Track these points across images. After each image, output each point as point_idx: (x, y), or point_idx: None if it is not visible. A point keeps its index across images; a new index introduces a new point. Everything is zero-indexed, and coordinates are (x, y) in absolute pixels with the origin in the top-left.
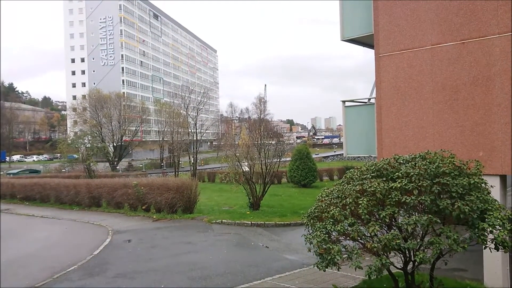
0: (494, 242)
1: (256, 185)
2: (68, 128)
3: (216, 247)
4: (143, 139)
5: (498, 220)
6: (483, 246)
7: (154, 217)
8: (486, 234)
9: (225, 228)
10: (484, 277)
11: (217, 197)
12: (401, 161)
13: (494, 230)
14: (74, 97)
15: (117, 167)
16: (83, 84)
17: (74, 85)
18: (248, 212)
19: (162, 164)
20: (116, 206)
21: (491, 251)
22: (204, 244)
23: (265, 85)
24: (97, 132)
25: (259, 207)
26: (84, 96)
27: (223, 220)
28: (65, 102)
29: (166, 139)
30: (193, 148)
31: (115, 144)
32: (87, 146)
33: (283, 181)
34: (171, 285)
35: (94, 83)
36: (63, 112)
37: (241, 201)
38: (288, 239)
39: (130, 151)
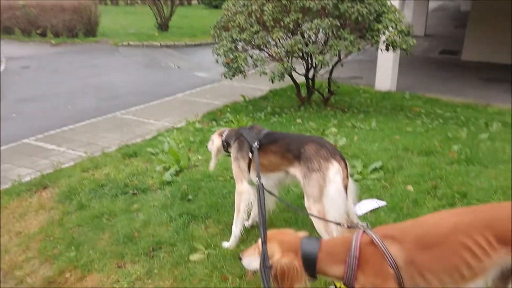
0: (385, 43)
1: (164, 6)
2: None
3: (124, 69)
4: None
5: (391, 22)
6: (376, 48)
7: (53, 42)
8: (379, 35)
9: (132, 50)
10: (376, 82)
11: (122, 20)
12: None
13: (386, 31)
14: None
15: None
16: None
17: None
18: (156, 34)
19: None
20: (5, 31)
21: (381, 52)
22: (112, 67)
23: None
24: None
25: (168, 28)
26: None
27: (130, 43)
28: None
29: None
30: None
31: None
32: None
33: (194, 3)
34: (78, 106)
35: None
36: None
37: (149, 23)
38: (198, 58)
39: None
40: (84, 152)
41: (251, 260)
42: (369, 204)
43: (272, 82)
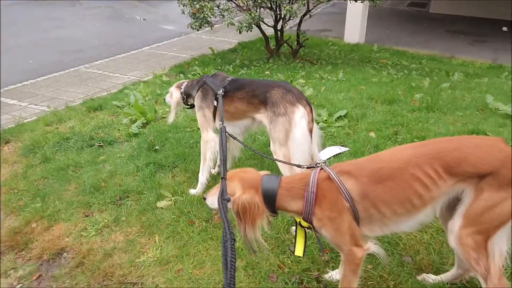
0: None
1: None
2: None
3: (87, 22)
4: None
5: None
6: (345, 0)
7: None
8: None
9: (94, 2)
10: (345, 35)
11: None
12: None
13: None
14: None
15: None
16: None
17: None
18: None
19: None
20: None
21: (350, 2)
22: (73, 19)
23: None
24: None
25: None
26: None
27: None
28: None
29: None
30: None
31: None
32: None
33: None
34: (39, 60)
35: None
36: None
37: None
38: (165, 10)
39: None
40: (47, 106)
41: (214, 199)
42: (333, 150)
43: (240, 33)
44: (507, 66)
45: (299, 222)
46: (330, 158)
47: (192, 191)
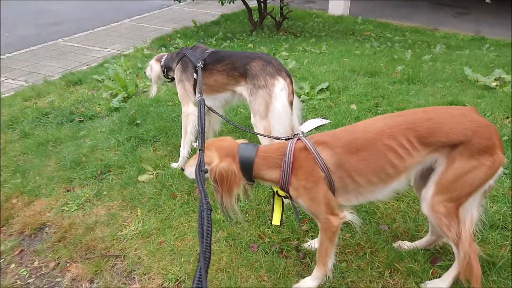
0: None
1: None
2: None
3: None
4: None
5: None
6: None
7: None
8: None
9: None
10: (329, 7)
11: None
12: None
13: None
14: None
15: None
16: None
17: None
18: None
19: None
20: None
21: None
22: None
23: None
24: None
25: None
26: None
27: None
28: None
29: None
30: None
31: None
32: None
33: None
34: (16, 33)
35: None
36: None
37: None
38: None
39: None
40: (25, 81)
41: (192, 170)
42: (314, 122)
43: (222, 4)
44: (489, 38)
45: (276, 191)
46: (311, 130)
47: (174, 165)
